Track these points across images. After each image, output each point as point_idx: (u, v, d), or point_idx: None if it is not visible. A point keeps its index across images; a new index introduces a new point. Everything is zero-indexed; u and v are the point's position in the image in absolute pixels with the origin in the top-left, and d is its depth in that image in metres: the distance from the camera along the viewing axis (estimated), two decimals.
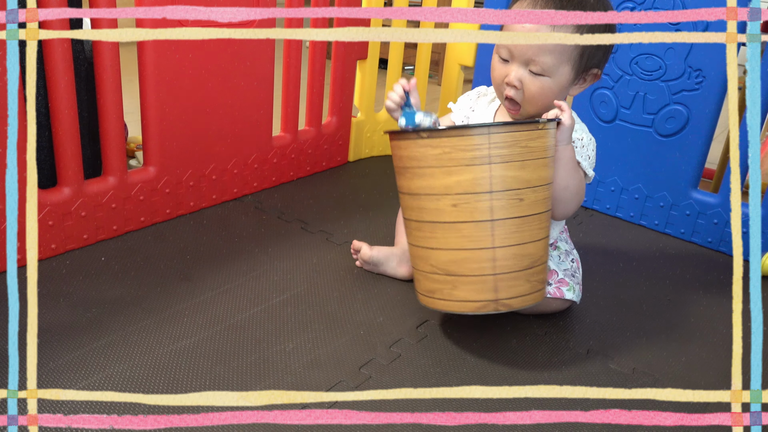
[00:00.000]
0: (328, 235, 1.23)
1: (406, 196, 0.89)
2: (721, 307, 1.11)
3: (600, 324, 1.02)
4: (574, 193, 0.93)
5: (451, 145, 0.81)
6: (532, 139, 0.82)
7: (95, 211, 1.09)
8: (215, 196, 1.30)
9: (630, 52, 1.32)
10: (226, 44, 1.20)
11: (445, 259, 0.85)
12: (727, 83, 1.24)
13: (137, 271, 1.05)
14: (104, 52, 1.03)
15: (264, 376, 0.83)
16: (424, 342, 0.93)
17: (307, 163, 1.51)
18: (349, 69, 1.53)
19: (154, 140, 1.16)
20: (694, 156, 1.31)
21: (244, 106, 1.28)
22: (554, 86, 0.91)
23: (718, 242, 1.32)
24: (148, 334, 0.89)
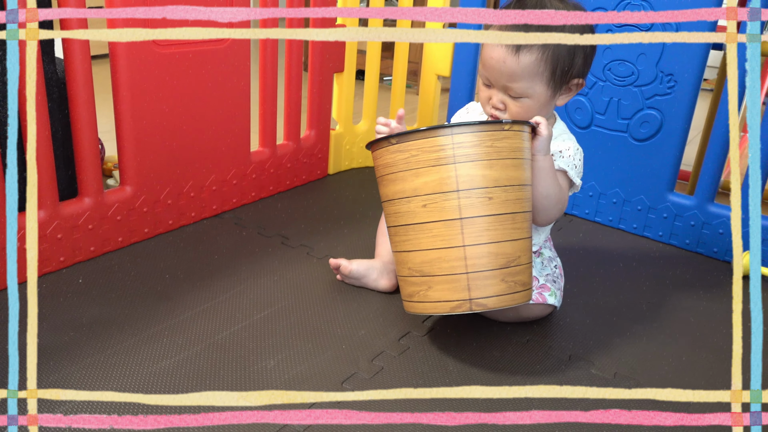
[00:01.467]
0: (309, 249, 1.23)
1: (385, 203, 0.91)
2: (701, 309, 1.12)
3: (581, 329, 1.03)
4: (555, 201, 0.94)
5: (417, 147, 0.84)
6: (497, 139, 0.84)
7: (72, 233, 1.08)
8: (194, 213, 1.30)
9: (603, 58, 1.34)
10: (201, 59, 1.20)
11: (419, 260, 0.86)
12: (698, 87, 1.26)
13: (116, 292, 1.04)
14: (77, 71, 1.02)
15: None
16: (406, 354, 0.93)
17: (286, 177, 1.50)
18: (326, 82, 1.53)
19: (130, 159, 1.15)
20: (669, 159, 1.32)
21: (221, 122, 1.28)
22: (535, 104, 0.94)
23: (696, 244, 1.33)
24: (127, 356, 0.88)
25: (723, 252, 1.31)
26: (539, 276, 1.02)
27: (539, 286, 1.00)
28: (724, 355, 0.99)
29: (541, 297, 0.99)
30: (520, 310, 0.99)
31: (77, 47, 1.01)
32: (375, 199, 1.35)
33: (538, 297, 0.99)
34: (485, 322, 1.02)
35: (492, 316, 1.02)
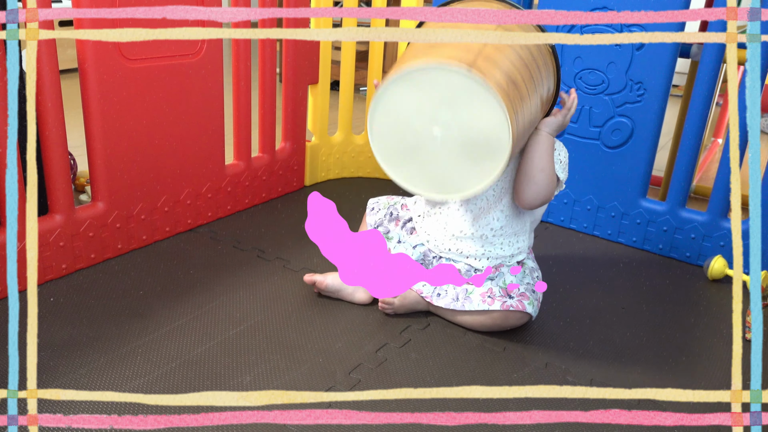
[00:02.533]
0: (285, 262, 1.22)
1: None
2: (675, 314, 1.13)
3: (558, 337, 1.04)
4: (547, 180, 0.97)
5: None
6: (538, 48, 0.89)
7: (42, 251, 1.06)
8: (168, 228, 1.28)
9: (573, 67, 1.36)
10: (173, 73, 1.19)
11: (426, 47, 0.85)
12: (667, 94, 1.28)
13: (88, 310, 1.02)
14: (44, 85, 1.01)
15: None
16: (383, 366, 0.93)
17: (262, 189, 1.50)
18: (301, 93, 1.53)
19: (101, 174, 1.13)
20: (640, 165, 1.34)
21: (194, 135, 1.27)
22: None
23: (669, 249, 1.35)
24: (99, 376, 0.86)
25: (695, 256, 1.33)
26: (520, 284, 1.02)
27: (519, 294, 1.01)
28: (697, 358, 1.00)
29: (520, 305, 1.00)
30: (497, 319, 1.00)
31: (45, 61, 1.00)
32: (353, 210, 1.34)
33: (518, 305, 1.00)
34: (462, 333, 1.02)
35: (469, 326, 1.02)
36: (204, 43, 1.23)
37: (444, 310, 1.04)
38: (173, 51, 1.17)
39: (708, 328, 1.09)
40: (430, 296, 1.04)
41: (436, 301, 1.04)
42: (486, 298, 1.00)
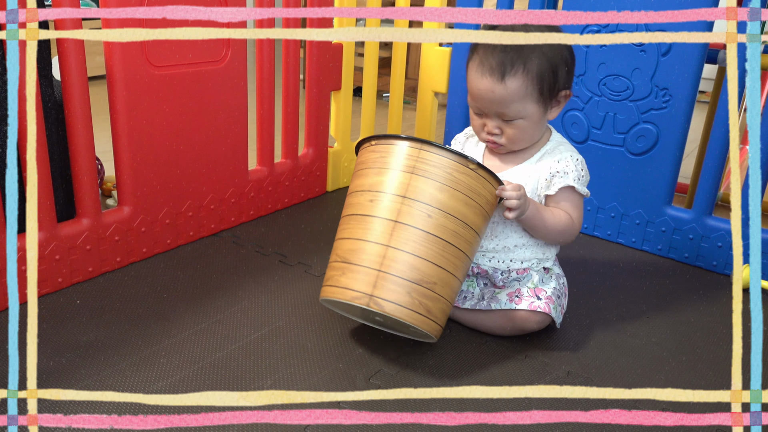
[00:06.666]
0: (306, 267, 1.23)
1: (347, 196, 0.95)
2: (700, 323, 1.11)
3: (580, 345, 1.02)
4: (561, 230, 0.99)
5: (387, 151, 0.90)
6: (459, 171, 0.88)
7: (69, 254, 1.08)
8: (192, 232, 1.30)
9: (598, 73, 1.35)
10: (198, 79, 1.20)
11: (347, 247, 0.90)
12: (693, 100, 1.27)
13: (113, 312, 1.03)
14: (74, 91, 1.03)
15: None
16: (404, 372, 0.93)
17: (285, 195, 1.51)
18: (324, 99, 1.54)
19: (127, 179, 1.15)
20: (666, 173, 1.32)
21: (218, 141, 1.29)
22: (529, 124, 0.97)
23: (695, 257, 1.33)
24: (123, 378, 0.88)
25: (722, 265, 1.30)
26: (547, 288, 1.01)
27: (546, 297, 1.00)
28: (724, 369, 0.98)
29: (546, 307, 0.99)
30: (519, 321, 0.99)
31: (74, 68, 1.02)
32: None
33: (545, 307, 0.99)
34: (482, 340, 1.02)
35: (490, 329, 1.02)
36: (229, 49, 1.24)
37: (467, 313, 1.04)
38: (198, 58, 1.19)
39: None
40: (457, 301, 1.04)
41: (463, 303, 1.04)
42: (514, 297, 1.00)
